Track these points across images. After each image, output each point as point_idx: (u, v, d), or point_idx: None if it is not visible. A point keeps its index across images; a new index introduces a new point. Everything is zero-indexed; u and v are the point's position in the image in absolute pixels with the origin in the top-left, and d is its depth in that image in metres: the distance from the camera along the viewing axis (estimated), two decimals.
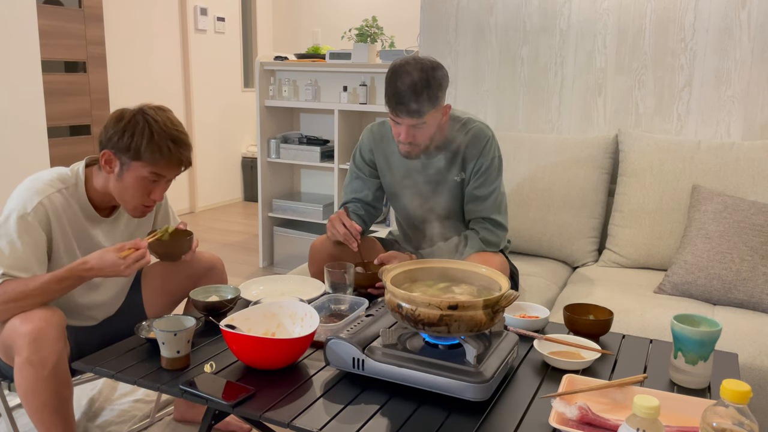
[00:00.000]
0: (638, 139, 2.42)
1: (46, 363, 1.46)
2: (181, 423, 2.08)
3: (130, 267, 1.52)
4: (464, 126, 1.98)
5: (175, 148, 1.59)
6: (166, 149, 1.58)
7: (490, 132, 1.99)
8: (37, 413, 1.51)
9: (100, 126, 4.51)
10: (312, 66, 3.66)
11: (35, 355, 1.45)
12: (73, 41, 4.21)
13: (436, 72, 1.78)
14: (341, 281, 1.76)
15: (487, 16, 2.80)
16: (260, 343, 1.32)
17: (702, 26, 2.43)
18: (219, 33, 5.52)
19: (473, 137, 1.96)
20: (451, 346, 1.32)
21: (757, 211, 2.03)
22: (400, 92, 1.76)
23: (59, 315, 1.52)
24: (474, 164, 1.97)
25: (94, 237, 1.70)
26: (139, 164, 1.58)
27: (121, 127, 1.56)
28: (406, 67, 1.77)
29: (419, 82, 1.75)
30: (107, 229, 1.74)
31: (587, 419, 1.13)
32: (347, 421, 1.18)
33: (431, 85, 1.77)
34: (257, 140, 3.85)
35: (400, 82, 1.76)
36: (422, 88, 1.75)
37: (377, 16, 3.65)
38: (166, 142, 1.58)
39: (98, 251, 1.53)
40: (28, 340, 1.45)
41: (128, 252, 1.52)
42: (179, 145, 1.61)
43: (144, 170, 1.59)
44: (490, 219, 1.98)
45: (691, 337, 1.31)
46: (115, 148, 1.58)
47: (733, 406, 0.93)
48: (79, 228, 1.67)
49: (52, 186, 1.60)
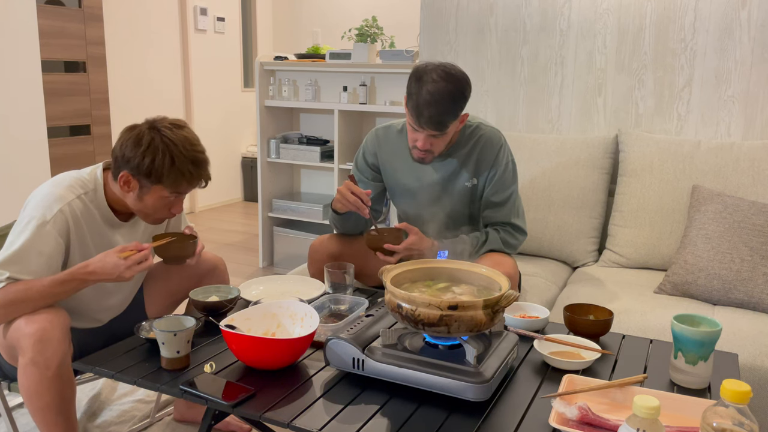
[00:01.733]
0: (638, 139, 2.42)
1: (51, 364, 1.46)
2: (181, 423, 2.08)
3: (132, 268, 1.51)
4: (475, 131, 1.96)
5: (196, 171, 1.58)
6: (188, 173, 1.57)
7: (502, 137, 1.98)
8: (41, 414, 1.51)
9: (100, 126, 4.51)
10: (312, 66, 3.66)
11: (40, 355, 1.45)
12: (73, 41, 4.21)
13: (461, 83, 1.76)
14: (341, 281, 1.76)
15: (487, 16, 2.80)
16: (260, 343, 1.32)
17: (702, 26, 2.43)
18: (219, 33, 5.52)
19: (485, 144, 1.95)
20: (451, 347, 1.32)
21: (757, 211, 2.03)
22: (423, 104, 1.73)
23: (64, 316, 1.52)
24: (488, 172, 1.96)
25: (113, 242, 1.69)
26: (160, 187, 1.57)
27: (141, 152, 1.54)
28: (432, 75, 1.74)
29: (444, 94, 1.73)
30: (126, 233, 1.73)
31: (587, 419, 1.13)
32: (347, 421, 1.18)
33: (455, 98, 1.75)
34: (257, 140, 3.84)
35: (425, 92, 1.73)
36: (446, 102, 1.73)
37: (377, 16, 3.65)
38: (188, 166, 1.56)
39: (100, 254, 1.52)
40: (33, 340, 1.45)
41: (130, 253, 1.52)
42: (200, 167, 1.60)
43: (165, 192, 1.59)
44: (510, 223, 1.98)
45: (691, 337, 1.31)
46: (135, 171, 1.56)
47: (733, 407, 0.93)
48: (98, 233, 1.66)
49: (73, 191, 1.59)
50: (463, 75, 1.79)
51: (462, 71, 1.80)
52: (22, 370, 1.47)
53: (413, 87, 1.77)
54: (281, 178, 4.01)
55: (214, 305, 1.60)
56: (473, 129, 1.97)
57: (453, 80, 1.75)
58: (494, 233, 1.95)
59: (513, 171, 1.99)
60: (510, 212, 1.98)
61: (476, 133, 1.96)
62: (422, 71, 1.77)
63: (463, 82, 1.77)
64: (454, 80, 1.75)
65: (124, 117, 4.72)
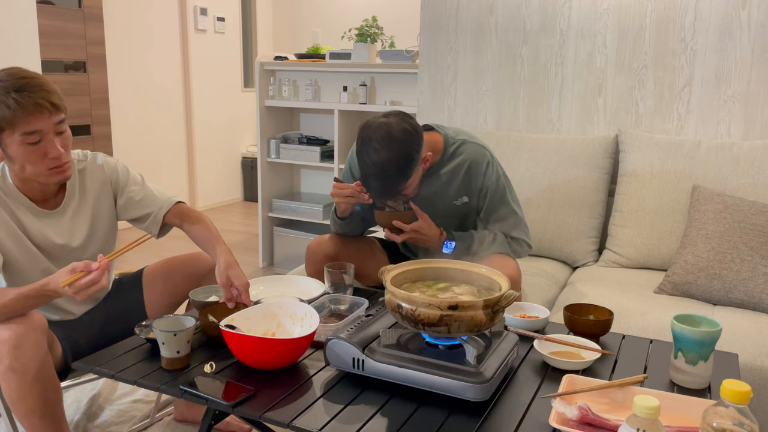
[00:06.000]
0: (638, 139, 2.42)
1: (29, 369, 1.42)
2: (181, 423, 2.08)
3: (80, 293, 1.36)
4: (460, 149, 1.93)
5: (23, 97, 1.43)
6: (13, 102, 1.43)
7: (488, 155, 1.94)
8: (26, 419, 1.48)
9: (100, 126, 4.51)
10: (312, 66, 3.66)
11: (17, 362, 1.41)
12: (73, 41, 4.22)
13: (406, 147, 1.67)
14: (341, 281, 1.76)
15: (487, 16, 2.80)
16: (260, 343, 1.31)
17: (702, 26, 2.43)
18: (219, 33, 5.52)
19: (471, 163, 1.92)
20: (451, 347, 1.32)
21: (758, 211, 2.03)
22: (369, 178, 1.69)
23: (39, 318, 1.47)
24: (479, 192, 1.94)
25: (35, 232, 1.62)
26: (5, 134, 1.46)
27: None
28: (374, 144, 1.66)
29: (391, 166, 1.66)
30: (54, 222, 1.66)
31: (587, 419, 1.13)
32: (347, 421, 1.18)
33: (403, 166, 1.68)
34: (257, 140, 3.85)
35: (372, 164, 1.67)
36: (392, 171, 1.67)
37: (377, 16, 3.65)
38: (10, 96, 1.43)
39: (58, 272, 1.41)
40: (8, 347, 1.40)
41: (75, 277, 1.38)
42: (29, 91, 1.44)
43: (14, 137, 1.46)
44: (516, 237, 1.97)
45: (691, 337, 1.31)
46: None
47: (733, 407, 0.93)
48: (15, 221, 1.59)
49: None
50: (405, 134, 1.68)
51: (406, 128, 1.69)
52: (2, 377, 1.43)
53: (359, 154, 1.71)
54: (281, 178, 4.01)
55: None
56: (458, 147, 1.94)
57: (395, 146, 1.66)
58: (502, 236, 1.95)
59: (507, 186, 1.97)
60: (514, 226, 1.96)
61: (460, 152, 1.93)
62: (365, 134, 1.70)
63: (406, 144, 1.67)
64: (396, 146, 1.66)
65: (124, 117, 4.72)
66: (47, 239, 1.65)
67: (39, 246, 1.64)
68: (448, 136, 1.95)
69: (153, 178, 5.02)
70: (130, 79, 4.78)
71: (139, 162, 4.90)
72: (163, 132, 5.12)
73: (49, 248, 1.65)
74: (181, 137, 5.30)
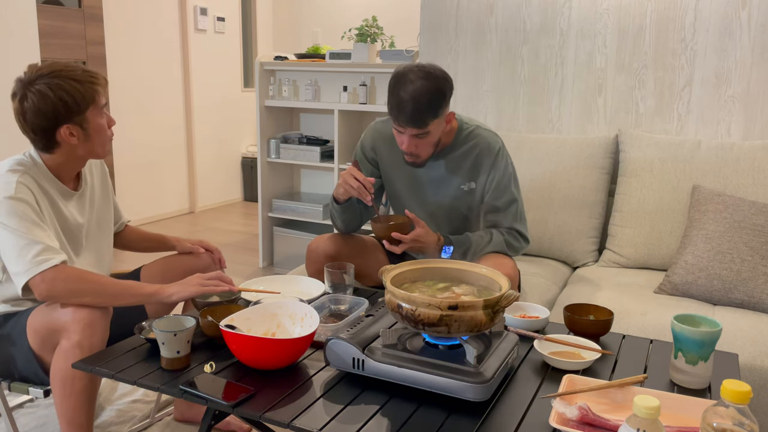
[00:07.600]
0: (638, 139, 2.42)
1: (93, 350, 1.50)
2: (181, 423, 2.08)
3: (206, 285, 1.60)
4: (472, 135, 1.96)
5: (91, 76, 1.63)
6: (88, 82, 1.61)
7: (499, 142, 1.98)
8: (71, 399, 1.53)
9: None
10: (312, 66, 3.66)
11: (87, 340, 1.49)
12: (73, 41, 4.22)
13: (439, 81, 1.76)
14: (341, 281, 1.76)
15: (487, 16, 2.80)
16: (260, 343, 1.32)
17: (702, 26, 2.43)
18: (219, 33, 5.52)
19: (483, 148, 1.95)
20: (451, 347, 1.32)
21: (758, 211, 2.03)
22: (403, 102, 1.74)
23: (109, 311, 1.57)
24: (487, 177, 1.96)
25: (67, 214, 1.70)
26: (90, 110, 1.62)
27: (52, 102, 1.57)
28: (410, 75, 1.75)
29: (422, 92, 1.73)
30: (77, 204, 1.75)
31: (587, 419, 1.13)
32: (347, 421, 1.18)
33: (434, 96, 1.75)
34: (257, 140, 3.85)
35: (403, 91, 1.74)
36: (425, 99, 1.73)
37: (377, 16, 3.65)
38: (85, 77, 1.62)
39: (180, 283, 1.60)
40: (83, 324, 1.48)
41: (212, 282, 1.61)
42: (90, 73, 1.64)
43: (96, 110, 1.64)
44: (515, 229, 1.98)
45: (691, 337, 1.31)
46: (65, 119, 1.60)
47: (733, 407, 0.93)
48: (52, 204, 1.67)
49: (15, 171, 1.59)
50: (442, 73, 1.79)
51: (442, 70, 1.80)
52: (62, 353, 1.50)
53: (392, 88, 1.78)
54: (281, 178, 4.01)
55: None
56: (470, 132, 1.97)
57: (431, 78, 1.75)
58: (498, 235, 1.95)
59: (513, 175, 1.99)
60: (514, 217, 1.97)
61: (473, 137, 1.96)
62: (401, 73, 1.78)
63: (441, 80, 1.77)
64: (432, 78, 1.75)
65: (124, 117, 4.72)
66: (75, 219, 1.73)
67: (65, 227, 1.70)
68: (462, 120, 1.99)
69: (153, 178, 5.03)
70: (130, 79, 4.77)
71: (139, 162, 4.90)
72: (163, 132, 5.12)
73: (72, 228, 1.73)
74: (181, 137, 5.30)
